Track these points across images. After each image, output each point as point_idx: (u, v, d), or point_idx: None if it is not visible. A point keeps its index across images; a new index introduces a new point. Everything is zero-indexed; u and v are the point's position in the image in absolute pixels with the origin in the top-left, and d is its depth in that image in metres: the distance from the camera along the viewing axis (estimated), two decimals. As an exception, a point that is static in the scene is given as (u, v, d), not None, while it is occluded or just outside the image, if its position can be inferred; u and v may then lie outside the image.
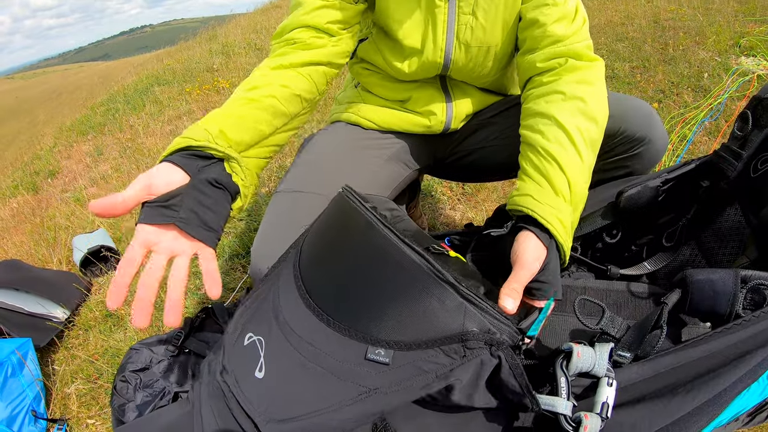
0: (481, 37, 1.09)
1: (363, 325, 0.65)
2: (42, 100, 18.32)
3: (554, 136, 0.93)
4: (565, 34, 1.02)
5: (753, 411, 0.79)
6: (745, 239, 0.92)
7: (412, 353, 0.61)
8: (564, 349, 0.65)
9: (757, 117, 0.95)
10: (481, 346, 0.61)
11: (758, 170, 0.91)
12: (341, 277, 0.71)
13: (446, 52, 1.11)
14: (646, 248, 1.08)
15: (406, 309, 0.64)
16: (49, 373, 1.70)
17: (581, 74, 1.00)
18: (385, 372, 0.61)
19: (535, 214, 0.85)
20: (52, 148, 4.22)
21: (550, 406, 0.60)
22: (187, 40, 7.58)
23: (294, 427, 0.63)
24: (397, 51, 1.14)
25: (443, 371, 0.60)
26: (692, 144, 2.42)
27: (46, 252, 2.37)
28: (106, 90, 6.39)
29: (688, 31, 3.72)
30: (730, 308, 0.69)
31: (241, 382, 0.72)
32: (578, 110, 0.95)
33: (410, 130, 1.27)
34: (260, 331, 0.75)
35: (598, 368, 0.63)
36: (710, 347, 0.64)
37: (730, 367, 0.65)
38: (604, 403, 0.60)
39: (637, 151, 1.11)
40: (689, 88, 2.92)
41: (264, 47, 5.34)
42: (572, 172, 0.89)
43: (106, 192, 2.85)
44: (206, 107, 3.94)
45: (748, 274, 0.69)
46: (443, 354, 0.61)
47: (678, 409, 0.65)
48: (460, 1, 1.04)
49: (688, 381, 0.65)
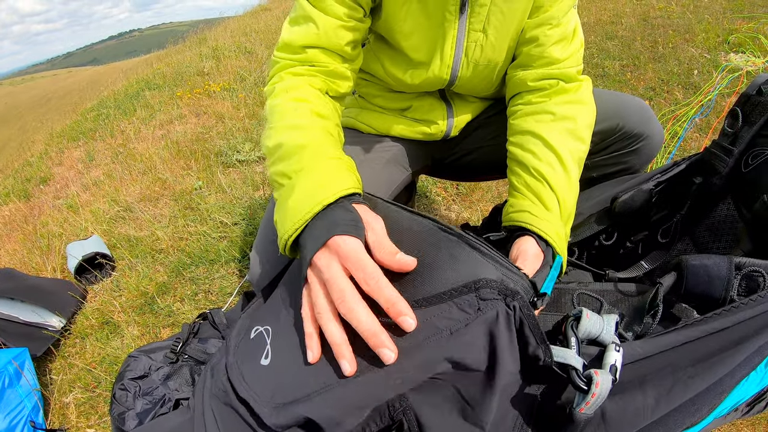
0: (490, 55, 1.07)
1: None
2: (31, 106, 18.21)
3: (545, 156, 0.95)
4: (560, 58, 1.03)
5: (752, 401, 0.80)
6: (738, 233, 0.94)
7: (423, 310, 0.59)
8: (573, 313, 0.66)
9: (747, 113, 0.96)
10: (496, 297, 0.58)
11: (749, 165, 0.93)
12: None
13: (453, 69, 1.08)
14: (642, 244, 1.09)
15: (416, 267, 0.63)
16: (46, 382, 1.68)
17: (571, 96, 1.02)
18: (397, 335, 0.59)
19: (534, 228, 0.87)
20: (43, 154, 4.18)
21: (562, 358, 0.59)
22: (176, 44, 7.55)
23: (301, 409, 0.60)
24: (400, 62, 1.11)
25: (458, 327, 0.57)
26: (683, 141, 2.44)
27: (40, 260, 2.35)
28: (96, 95, 6.36)
29: (677, 28, 3.75)
30: (724, 293, 0.70)
31: (246, 374, 0.70)
32: (567, 131, 0.97)
33: (410, 136, 1.27)
34: (267, 322, 0.74)
35: (605, 335, 0.63)
36: (707, 328, 0.65)
37: (729, 353, 0.65)
38: (612, 366, 0.60)
39: (636, 147, 1.13)
40: (679, 85, 2.95)
41: (254, 50, 5.33)
42: (562, 192, 0.92)
43: (99, 198, 2.84)
44: (198, 111, 3.93)
45: (742, 261, 0.70)
46: (457, 308, 0.58)
47: (680, 396, 0.65)
48: (472, 17, 1.00)
49: (689, 365, 0.65)
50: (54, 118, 8.39)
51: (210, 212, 2.40)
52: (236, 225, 2.28)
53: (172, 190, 2.75)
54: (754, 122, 0.94)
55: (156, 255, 2.21)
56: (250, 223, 2.25)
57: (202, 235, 2.23)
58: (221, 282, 1.95)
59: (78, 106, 6.17)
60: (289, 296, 0.76)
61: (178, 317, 1.82)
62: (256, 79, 4.34)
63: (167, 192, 2.75)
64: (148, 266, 2.13)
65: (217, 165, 2.93)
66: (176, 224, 2.39)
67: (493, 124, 1.26)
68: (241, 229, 2.23)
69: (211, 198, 2.57)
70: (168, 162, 3.09)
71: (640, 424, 0.66)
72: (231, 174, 2.83)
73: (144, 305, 1.91)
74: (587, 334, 0.63)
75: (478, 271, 0.60)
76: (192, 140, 3.38)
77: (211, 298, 1.89)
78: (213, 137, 3.37)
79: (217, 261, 2.05)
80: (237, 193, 2.55)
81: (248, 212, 2.35)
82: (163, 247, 2.23)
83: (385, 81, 1.18)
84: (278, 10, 8.10)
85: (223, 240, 2.19)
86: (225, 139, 3.27)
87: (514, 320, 0.59)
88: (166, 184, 2.82)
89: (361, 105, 1.28)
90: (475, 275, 0.59)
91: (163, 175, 2.91)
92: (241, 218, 2.31)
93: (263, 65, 4.70)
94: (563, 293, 0.94)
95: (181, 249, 2.19)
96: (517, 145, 1.01)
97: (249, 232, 2.19)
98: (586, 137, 1.00)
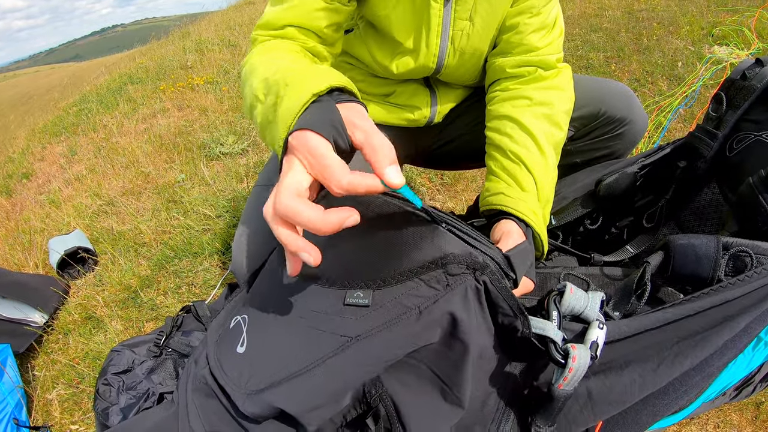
0: (476, 44, 1.07)
1: (342, 273, 0.62)
2: (13, 103, 17.95)
3: (521, 139, 0.96)
4: (539, 45, 1.04)
5: (739, 385, 0.80)
6: (723, 216, 0.94)
7: (391, 289, 0.58)
8: (557, 288, 0.65)
9: (731, 97, 0.97)
10: (465, 272, 0.57)
11: (734, 149, 0.93)
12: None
13: (439, 58, 1.08)
14: (627, 230, 1.09)
15: (380, 245, 0.61)
16: (29, 379, 1.66)
17: (549, 82, 1.03)
18: (365, 316, 0.58)
19: (509, 209, 0.88)
20: (25, 150, 4.13)
21: (541, 329, 0.59)
22: (159, 39, 7.48)
23: (275, 394, 0.60)
24: (386, 50, 1.10)
25: (426, 304, 0.56)
26: (667, 131, 2.45)
27: (22, 256, 2.32)
28: (78, 90, 6.28)
29: (661, 21, 3.78)
30: (712, 273, 0.70)
31: (224, 362, 0.70)
32: (543, 116, 0.98)
33: (393, 122, 1.25)
34: (245, 311, 0.74)
35: (589, 311, 0.63)
36: (694, 306, 0.65)
37: (715, 331, 0.65)
38: (593, 342, 0.59)
39: (619, 132, 1.13)
40: (664, 76, 2.97)
41: (238, 44, 5.28)
42: (538, 173, 0.93)
43: (81, 193, 2.81)
44: (181, 104, 3.89)
45: (729, 241, 0.70)
46: (425, 284, 0.57)
47: (666, 375, 0.65)
48: (457, 5, 1.00)
49: (674, 343, 0.65)
50: (36, 114, 8.28)
51: (193, 205, 2.37)
52: (219, 217, 2.26)
53: (155, 184, 2.72)
54: (738, 106, 0.95)
55: (139, 248, 2.18)
56: (234, 216, 2.23)
57: (185, 228, 2.20)
58: (205, 275, 1.93)
59: (60, 102, 6.10)
60: (267, 285, 0.76)
61: (162, 311, 1.80)
62: (240, 72, 4.30)
63: (150, 185, 2.72)
64: (131, 260, 2.11)
65: (201, 158, 2.90)
66: (159, 217, 2.36)
67: (475, 111, 1.26)
68: (225, 222, 2.21)
69: (195, 191, 2.54)
70: (151, 155, 3.06)
71: (627, 401, 0.66)
72: (214, 166, 2.80)
73: (127, 299, 1.89)
74: (570, 309, 0.63)
75: (446, 247, 0.59)
76: (175, 133, 3.35)
77: (195, 291, 1.87)
78: (196, 130, 3.34)
79: (200, 254, 2.03)
80: (220, 186, 2.53)
81: (231, 204, 2.33)
82: (146, 241, 2.21)
83: (371, 67, 1.16)
84: (262, 4, 8.05)
85: (207, 232, 2.17)
86: (208, 131, 3.24)
87: (484, 293, 0.58)
88: (149, 178, 2.79)
89: None
90: (441, 251, 0.58)
91: (146, 168, 2.88)
92: (225, 210, 2.29)
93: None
94: (549, 278, 0.93)
95: (164, 242, 2.17)
96: (494, 130, 1.02)
97: (232, 225, 2.17)
98: (563, 123, 1.01)
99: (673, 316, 0.64)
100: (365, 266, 0.61)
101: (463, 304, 0.57)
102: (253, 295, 0.78)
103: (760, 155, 0.88)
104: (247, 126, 3.18)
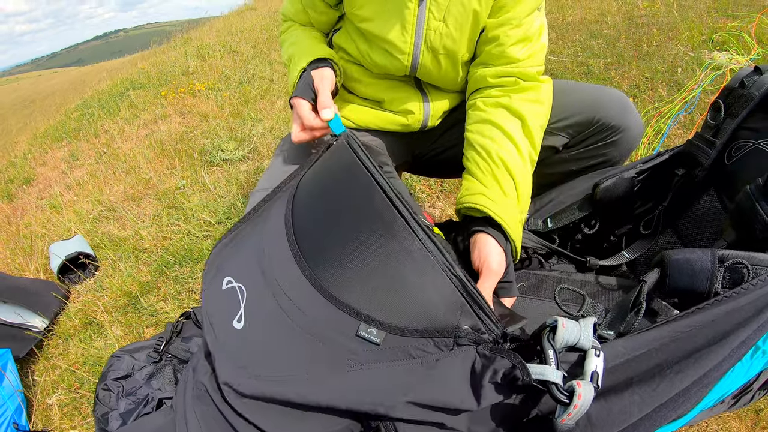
0: (449, 45, 1.10)
1: (359, 301, 0.65)
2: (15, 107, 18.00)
3: (504, 144, 1.00)
4: (519, 57, 1.06)
5: (738, 393, 0.80)
6: (721, 224, 0.94)
7: (404, 338, 0.62)
8: (549, 323, 0.65)
9: (729, 106, 0.97)
10: (470, 344, 0.62)
11: (732, 157, 0.94)
12: (341, 245, 0.70)
13: (414, 56, 1.12)
14: (625, 237, 1.10)
15: (407, 294, 0.65)
16: (29, 383, 1.66)
17: (528, 94, 1.05)
18: (373, 351, 0.62)
19: (489, 211, 0.92)
20: (27, 155, 4.13)
21: (541, 375, 0.60)
22: (161, 44, 7.49)
23: (275, 386, 0.63)
24: (368, 43, 1.15)
25: (429, 360, 0.61)
26: (667, 137, 2.46)
27: (23, 260, 2.32)
28: (80, 95, 6.30)
29: (661, 27, 3.78)
30: (708, 286, 0.70)
31: (217, 328, 0.72)
32: (520, 127, 1.02)
33: (388, 128, 1.27)
34: (241, 278, 0.75)
35: (584, 340, 0.64)
36: (693, 321, 0.65)
37: (715, 347, 0.66)
38: (593, 372, 0.60)
39: (614, 139, 1.13)
40: (663, 82, 2.97)
41: (239, 50, 5.30)
42: (519, 176, 0.97)
43: (83, 198, 2.81)
44: (182, 110, 3.90)
45: (725, 254, 0.70)
46: (433, 344, 0.62)
47: (666, 393, 0.65)
48: (431, 5, 1.04)
49: (675, 362, 0.65)
50: (38, 118, 8.30)
51: (194, 211, 2.38)
52: (220, 223, 2.27)
53: (155, 190, 2.72)
54: (736, 114, 0.95)
55: (139, 254, 2.19)
56: (234, 222, 2.23)
57: (185, 234, 2.21)
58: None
59: (62, 107, 6.11)
60: (266, 256, 0.76)
61: (162, 316, 1.80)
62: (241, 78, 4.32)
63: (151, 191, 2.72)
64: (131, 266, 2.11)
65: (201, 164, 2.91)
66: (160, 223, 2.37)
67: None
68: (225, 228, 2.21)
69: (195, 197, 2.55)
70: (152, 161, 3.06)
71: (627, 421, 0.66)
72: (215, 173, 2.81)
73: (127, 305, 1.89)
74: (565, 342, 0.64)
75: (461, 321, 0.64)
76: (176, 139, 3.35)
77: (195, 297, 1.87)
78: (197, 136, 3.34)
79: (200, 260, 2.03)
80: (221, 192, 2.53)
81: (232, 211, 2.33)
82: (146, 247, 2.21)
83: (362, 60, 1.21)
84: (263, 10, 8.07)
85: (207, 239, 2.17)
86: (209, 138, 3.25)
87: (483, 360, 0.62)
88: (149, 184, 2.80)
89: (341, 96, 1.29)
90: (457, 322, 0.64)
91: (147, 174, 2.88)
92: (225, 217, 2.29)
93: (248, 64, 4.68)
94: (545, 280, 0.94)
95: (164, 248, 2.17)
96: (476, 133, 1.05)
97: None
98: (537, 137, 1.04)
99: (671, 334, 0.65)
100: (387, 306, 0.65)
101: (461, 364, 0.62)
102: (250, 259, 0.78)
103: (758, 163, 0.89)
104: (248, 132, 3.19)
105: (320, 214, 0.76)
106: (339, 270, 0.68)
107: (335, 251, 0.70)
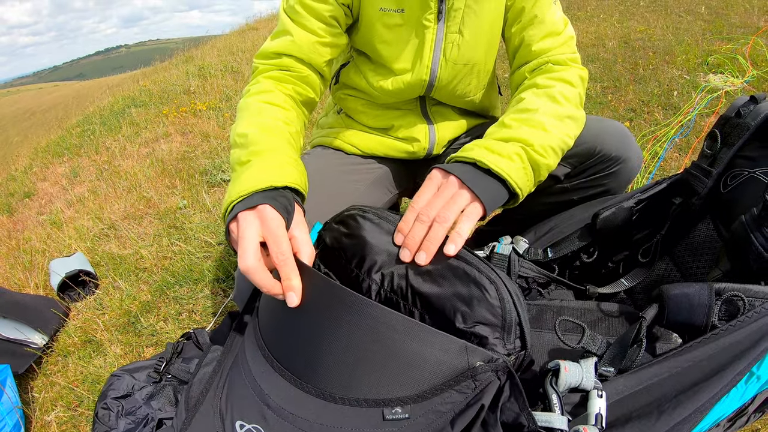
0: (467, 54, 1.13)
1: (370, 392, 0.65)
2: (16, 119, 18.02)
3: (533, 98, 1.01)
4: (549, 47, 1.10)
5: (733, 416, 0.81)
6: (717, 252, 0.95)
7: (428, 401, 0.63)
8: (551, 367, 0.67)
9: (726, 135, 0.99)
10: (488, 372, 0.63)
11: (728, 186, 0.95)
12: (333, 352, 0.69)
13: (432, 70, 1.14)
14: (623, 264, 1.11)
15: (413, 366, 0.65)
16: (28, 400, 1.65)
17: (560, 73, 1.07)
18: (406, 425, 0.62)
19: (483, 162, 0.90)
20: (27, 169, 4.15)
21: (547, 422, 0.61)
22: (162, 61, 7.55)
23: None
24: (381, 71, 1.17)
25: (460, 407, 0.62)
26: (663, 160, 2.48)
27: (23, 276, 2.32)
28: (82, 110, 6.33)
29: (657, 50, 3.84)
30: (706, 320, 0.71)
31: None
32: (546, 95, 1.02)
33: (393, 155, 1.29)
34: (252, 419, 0.72)
35: (586, 381, 0.65)
36: (692, 356, 0.66)
37: (713, 380, 0.67)
38: (597, 414, 0.61)
39: (614, 170, 1.15)
40: (659, 106, 3.01)
41: (241, 70, 5.34)
42: (543, 110, 0.97)
43: (83, 215, 2.82)
44: (184, 129, 3.92)
45: (721, 287, 0.72)
46: (456, 393, 0.62)
47: (664, 425, 0.66)
48: (449, 21, 1.08)
49: (673, 396, 0.67)
50: (38, 132, 8.31)
51: (194, 231, 2.38)
52: (220, 245, 2.27)
53: (156, 209, 2.73)
54: (732, 144, 0.97)
55: (140, 273, 2.19)
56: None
57: (186, 255, 2.22)
58: (205, 302, 1.93)
59: (63, 121, 6.13)
60: (263, 386, 0.75)
61: (162, 336, 1.80)
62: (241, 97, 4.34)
63: (152, 210, 2.73)
64: (131, 285, 2.11)
65: (202, 184, 2.92)
66: (160, 243, 2.37)
67: None
68: (226, 249, 2.22)
69: (196, 217, 2.56)
70: (153, 180, 3.08)
71: None
72: (216, 193, 2.82)
73: (127, 324, 1.89)
74: (567, 385, 0.65)
75: (470, 358, 0.64)
76: (177, 159, 3.37)
77: (195, 318, 1.87)
78: (198, 156, 3.36)
79: (201, 280, 2.04)
80: (221, 213, 2.53)
81: (233, 232, 2.33)
82: (147, 266, 2.21)
83: (369, 93, 1.22)
84: (265, 30, 8.14)
85: (208, 259, 2.18)
86: (210, 158, 3.27)
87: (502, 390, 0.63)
88: (150, 203, 2.81)
89: (346, 124, 1.30)
90: (467, 362, 0.64)
91: (148, 193, 2.89)
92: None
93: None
94: (545, 310, 0.95)
95: (165, 268, 2.18)
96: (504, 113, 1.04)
97: (233, 253, 2.17)
98: (573, 114, 1.02)
99: (670, 369, 0.66)
100: (400, 384, 0.65)
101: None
102: (250, 397, 0.75)
103: (754, 192, 0.90)
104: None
105: (295, 328, 0.76)
106: (342, 375, 0.68)
107: (328, 360, 0.69)
